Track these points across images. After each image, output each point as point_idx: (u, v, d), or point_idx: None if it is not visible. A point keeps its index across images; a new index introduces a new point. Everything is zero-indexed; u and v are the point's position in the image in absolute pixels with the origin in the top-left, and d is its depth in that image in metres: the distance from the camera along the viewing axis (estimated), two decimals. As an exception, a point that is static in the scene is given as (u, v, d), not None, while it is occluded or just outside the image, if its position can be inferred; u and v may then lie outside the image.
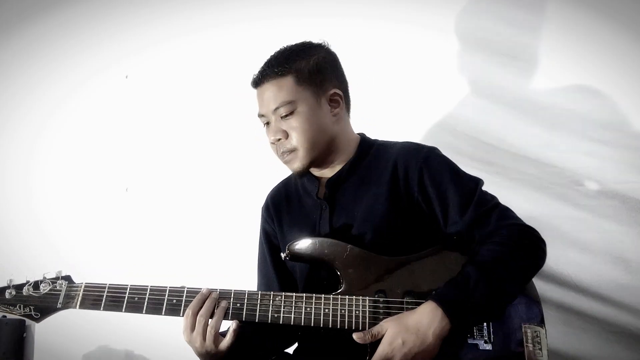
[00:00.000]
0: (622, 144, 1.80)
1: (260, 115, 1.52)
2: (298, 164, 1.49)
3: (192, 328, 1.33)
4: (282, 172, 1.67)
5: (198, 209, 2.27)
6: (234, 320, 1.35)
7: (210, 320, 1.34)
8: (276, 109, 1.46)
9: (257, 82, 1.50)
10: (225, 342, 1.33)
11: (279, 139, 1.48)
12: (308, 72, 1.47)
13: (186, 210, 2.29)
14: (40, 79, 2.51)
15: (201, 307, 1.34)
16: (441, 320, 1.25)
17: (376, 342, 1.28)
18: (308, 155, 1.48)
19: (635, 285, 1.78)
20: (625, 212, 1.79)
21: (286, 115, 1.46)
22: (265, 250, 1.65)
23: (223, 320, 1.35)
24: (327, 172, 1.55)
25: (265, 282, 1.62)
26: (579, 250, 1.83)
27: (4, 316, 2.42)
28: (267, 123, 1.51)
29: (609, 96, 1.79)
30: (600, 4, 1.79)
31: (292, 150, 1.48)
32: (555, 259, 1.80)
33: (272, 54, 1.52)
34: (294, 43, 1.53)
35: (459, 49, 1.93)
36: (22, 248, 2.32)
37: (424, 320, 1.25)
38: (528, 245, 1.34)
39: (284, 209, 1.61)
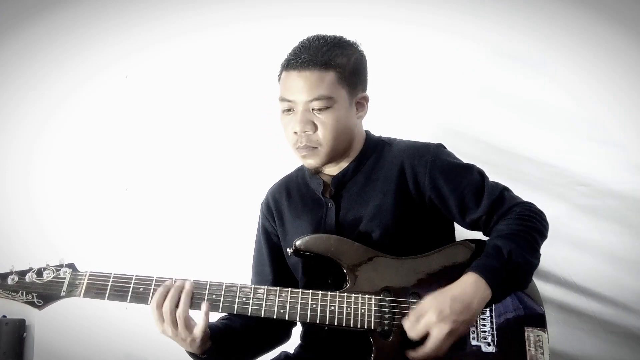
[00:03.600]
0: (622, 144, 1.80)
1: (285, 100, 1.44)
2: (317, 160, 1.46)
3: (162, 319, 1.33)
4: (281, 169, 1.68)
5: (198, 208, 2.27)
6: (206, 305, 1.33)
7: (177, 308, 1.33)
8: (312, 100, 1.40)
9: (297, 67, 1.41)
10: (198, 327, 1.33)
11: (306, 131, 1.42)
12: (348, 72, 1.43)
13: (186, 210, 2.29)
14: (40, 79, 2.50)
15: (165, 298, 1.33)
16: (484, 290, 1.28)
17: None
18: (329, 155, 1.46)
19: (635, 285, 1.78)
20: (625, 212, 1.80)
21: (320, 110, 1.41)
22: (262, 247, 1.63)
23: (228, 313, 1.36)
24: (332, 170, 1.53)
25: (258, 280, 1.60)
26: (579, 250, 1.83)
27: (4, 316, 2.41)
28: (289, 110, 1.44)
29: (609, 96, 1.79)
30: (601, 4, 1.79)
31: (315, 147, 1.44)
32: (556, 259, 1.81)
33: (311, 41, 1.45)
34: (329, 35, 1.46)
35: (460, 50, 1.94)
36: (22, 248, 2.31)
37: (468, 290, 1.28)
38: (538, 219, 1.39)
39: (285, 205, 1.59)
